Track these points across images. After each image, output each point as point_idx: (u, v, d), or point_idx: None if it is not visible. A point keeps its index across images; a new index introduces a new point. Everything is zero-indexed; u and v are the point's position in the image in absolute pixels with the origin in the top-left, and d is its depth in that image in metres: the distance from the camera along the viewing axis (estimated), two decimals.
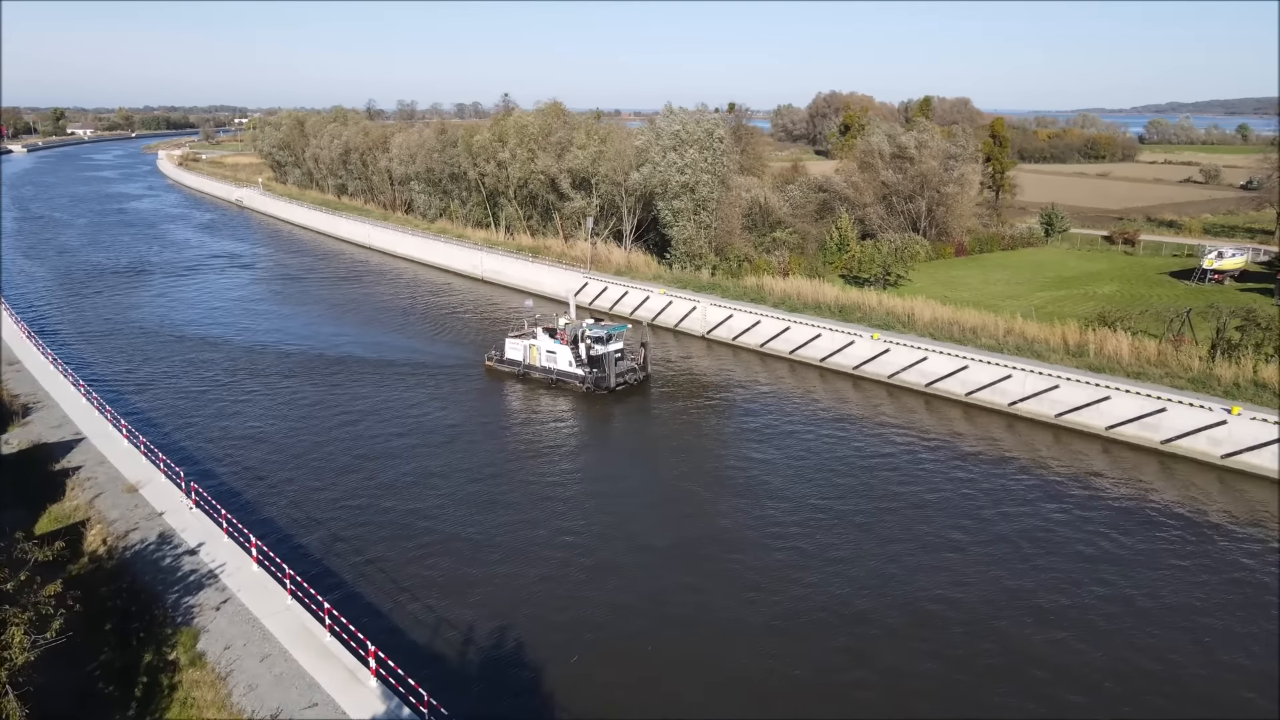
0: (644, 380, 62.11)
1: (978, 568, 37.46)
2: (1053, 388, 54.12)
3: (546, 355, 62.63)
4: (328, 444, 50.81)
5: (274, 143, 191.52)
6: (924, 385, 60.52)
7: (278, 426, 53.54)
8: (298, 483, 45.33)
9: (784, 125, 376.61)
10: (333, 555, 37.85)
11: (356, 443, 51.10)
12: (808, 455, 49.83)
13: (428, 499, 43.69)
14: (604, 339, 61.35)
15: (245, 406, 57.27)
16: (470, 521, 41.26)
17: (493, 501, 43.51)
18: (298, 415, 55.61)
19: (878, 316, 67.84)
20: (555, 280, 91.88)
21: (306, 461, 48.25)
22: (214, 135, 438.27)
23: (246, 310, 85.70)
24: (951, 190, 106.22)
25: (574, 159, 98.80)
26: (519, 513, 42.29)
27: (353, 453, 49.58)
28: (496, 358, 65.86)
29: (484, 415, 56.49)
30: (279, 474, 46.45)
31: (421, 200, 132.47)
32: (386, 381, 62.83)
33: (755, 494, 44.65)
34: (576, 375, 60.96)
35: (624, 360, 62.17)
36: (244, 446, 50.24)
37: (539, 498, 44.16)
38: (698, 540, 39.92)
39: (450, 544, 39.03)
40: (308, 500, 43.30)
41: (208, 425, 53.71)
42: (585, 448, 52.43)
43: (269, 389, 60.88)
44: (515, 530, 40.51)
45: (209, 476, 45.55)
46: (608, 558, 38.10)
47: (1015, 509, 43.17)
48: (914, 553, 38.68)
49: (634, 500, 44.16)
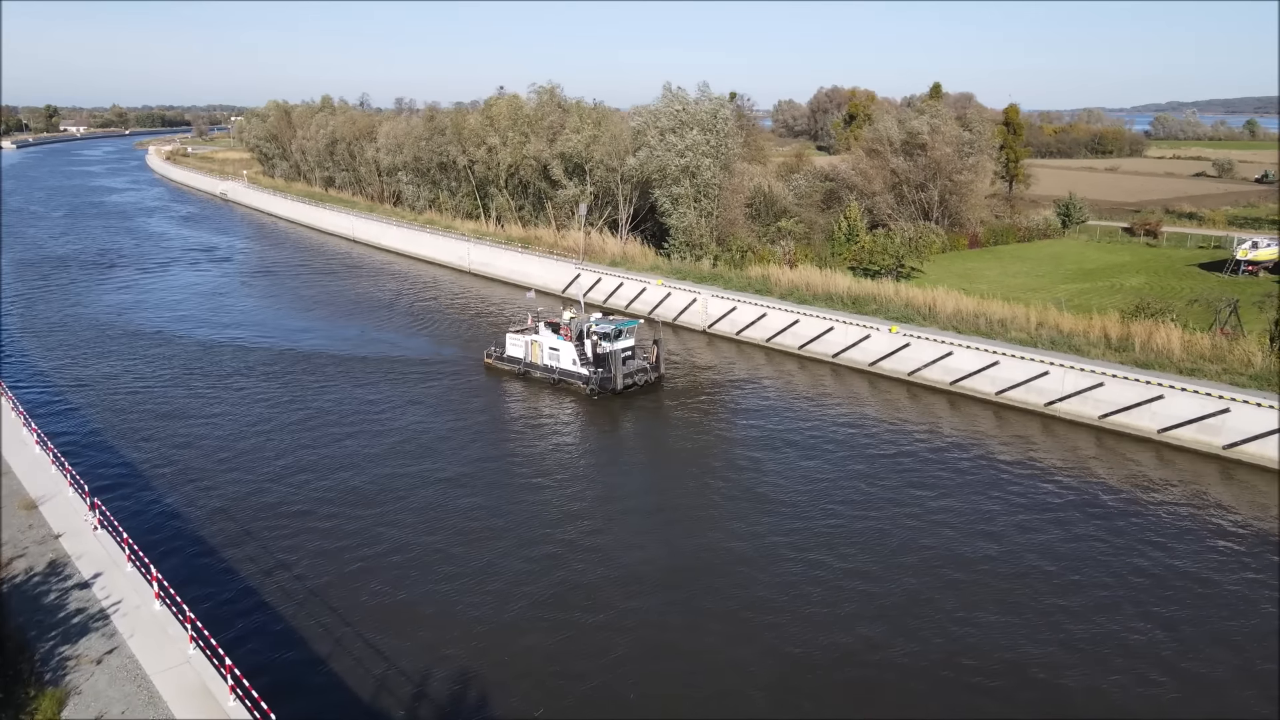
0: (657, 382, 55.85)
1: (1033, 608, 31.68)
2: (1096, 386, 48.35)
3: (549, 352, 56.66)
4: (280, 451, 45.00)
5: (261, 135, 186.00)
6: (949, 383, 54.77)
7: (223, 431, 47.69)
8: (235, 497, 39.53)
9: (784, 121, 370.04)
10: (268, 587, 32.08)
11: (311, 450, 45.27)
12: (822, 467, 43.99)
13: (388, 518, 37.89)
14: (611, 335, 55.21)
15: (190, 408, 51.40)
16: (435, 551, 35.48)
17: (463, 525, 37.72)
18: (249, 418, 49.79)
19: (895, 308, 62.08)
20: (546, 272, 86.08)
21: (252, 472, 42.45)
22: (207, 132, 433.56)
23: (213, 305, 79.77)
24: (966, 178, 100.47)
25: (567, 143, 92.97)
26: (492, 536, 36.52)
27: (307, 462, 43.77)
28: (496, 354, 60.00)
29: (469, 419, 50.58)
30: (215, 487, 40.65)
31: (410, 191, 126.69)
32: (355, 380, 57.03)
33: (767, 514, 38.82)
34: (580, 375, 54.91)
35: (634, 359, 56.07)
36: (179, 454, 44.37)
37: (513, 517, 38.38)
38: (697, 571, 34.16)
39: (411, 579, 33.27)
40: (246, 517, 37.51)
41: (141, 429, 47.82)
42: (577, 460, 46.37)
43: (222, 389, 55.07)
44: (489, 560, 34.76)
45: (129, 490, 39.85)
46: (586, 597, 32.36)
47: (1062, 527, 37.37)
48: (958, 593, 32.91)
49: (628, 531, 38.35)
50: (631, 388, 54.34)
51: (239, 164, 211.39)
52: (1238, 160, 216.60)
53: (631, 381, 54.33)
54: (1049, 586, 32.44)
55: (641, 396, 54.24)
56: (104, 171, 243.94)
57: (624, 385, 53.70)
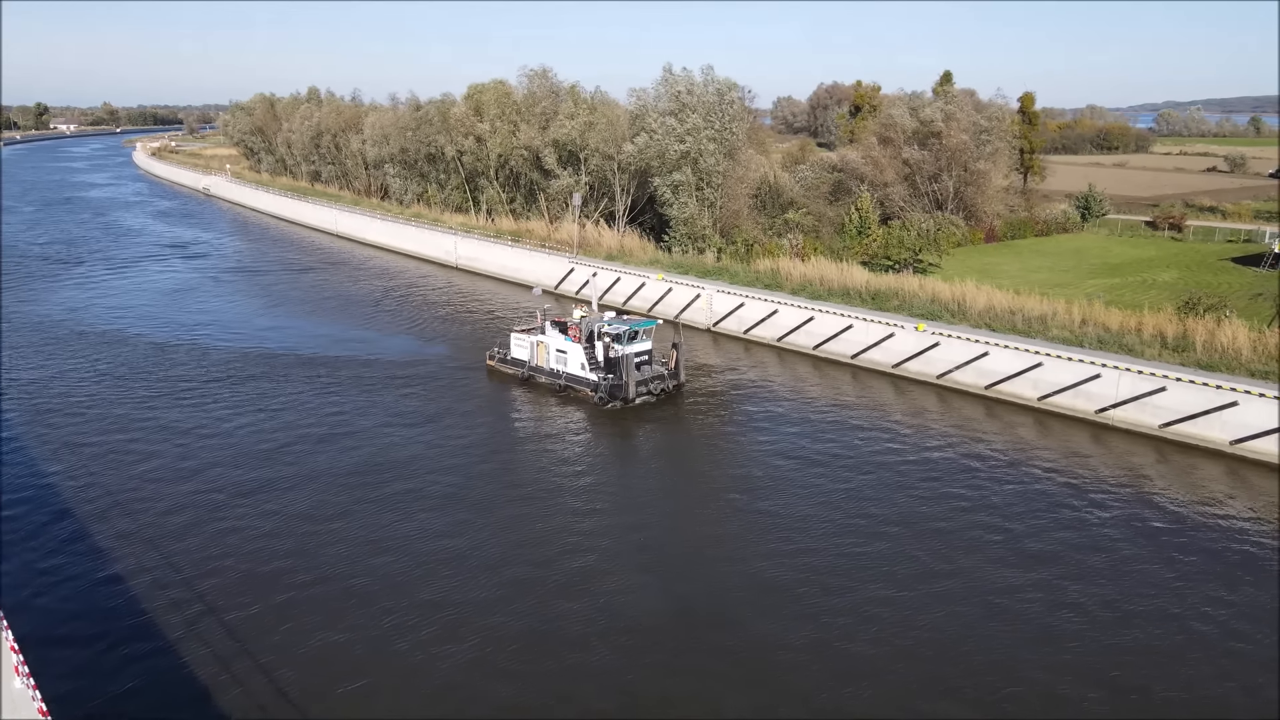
0: (676, 390, 49.57)
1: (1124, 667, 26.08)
2: (1156, 391, 42.70)
3: (556, 355, 50.67)
4: (230, 468, 39.25)
5: (246, 128, 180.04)
6: (984, 387, 49.14)
7: (162, 443, 41.91)
8: (159, 524, 33.86)
9: (784, 117, 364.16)
10: (180, 640, 26.38)
11: (267, 466, 39.56)
12: (849, 492, 38.27)
13: (342, 549, 32.21)
14: (624, 337, 48.53)
15: (129, 415, 45.61)
16: (388, 588, 29.80)
17: (430, 557, 32.03)
18: (198, 430, 43.99)
19: (920, 304, 56.42)
20: (537, 266, 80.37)
21: (195, 493, 36.73)
22: (199, 130, 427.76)
23: (176, 304, 73.74)
24: (982, 168, 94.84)
25: (561, 130, 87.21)
26: (461, 573, 30.85)
27: (257, 481, 38.04)
28: (499, 356, 54.14)
29: (453, 433, 44.79)
30: (135, 506, 34.92)
31: (397, 185, 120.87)
32: (319, 386, 51.27)
33: (793, 558, 33.19)
34: (588, 381, 48.81)
35: (650, 364, 49.80)
36: (102, 471, 38.66)
37: (487, 550, 32.69)
38: (703, 624, 28.53)
39: (347, 619, 27.60)
40: (171, 545, 31.85)
41: (65, 438, 42.10)
42: (571, 483, 40.44)
43: (170, 394, 49.27)
44: (450, 598, 29.10)
45: (27, 509, 34.22)
46: (571, 652, 26.71)
47: (1134, 565, 31.77)
48: (1017, 636, 27.29)
49: (623, 571, 32.68)
50: (645, 397, 48.12)
51: (226, 160, 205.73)
52: (1249, 156, 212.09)
53: (646, 390, 48.09)
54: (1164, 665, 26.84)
55: (657, 408, 47.78)
56: (87, 167, 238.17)
57: (637, 394, 47.47)
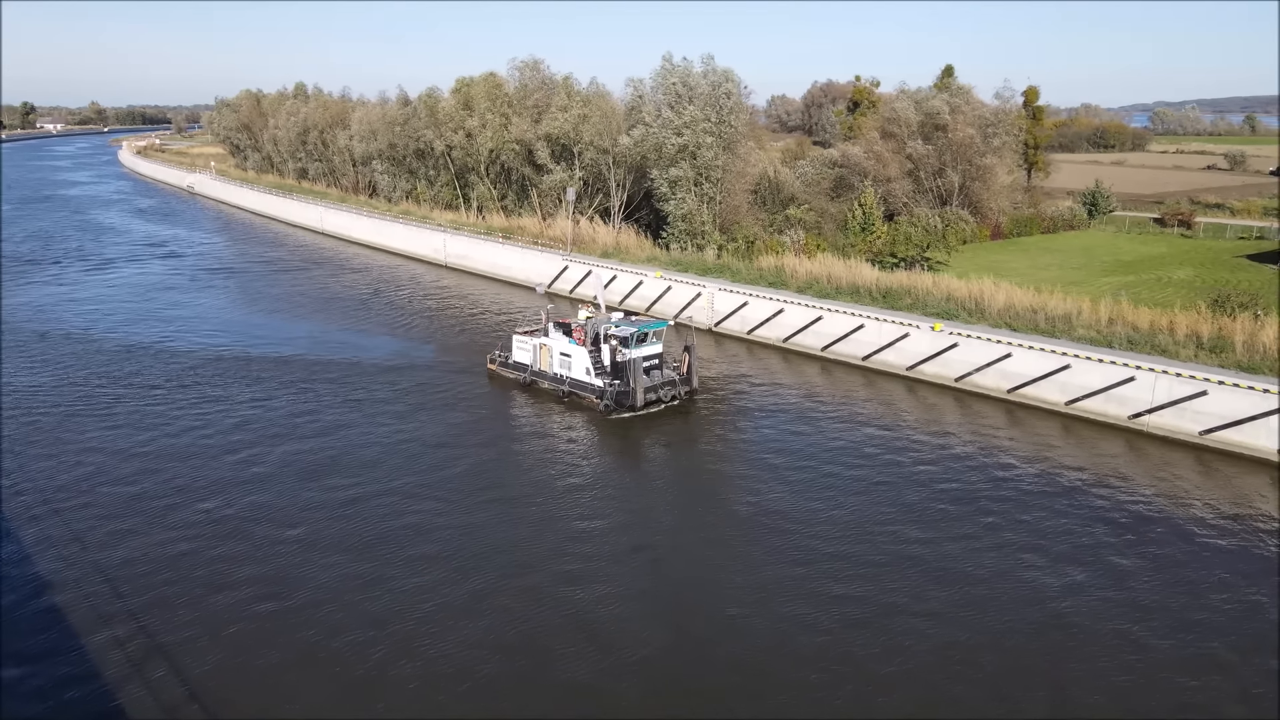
0: (689, 397, 46.23)
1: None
2: (1197, 395, 39.72)
3: (560, 359, 47.33)
4: (181, 483, 35.95)
5: (232, 125, 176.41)
6: (1006, 390, 46.10)
7: (119, 450, 38.60)
8: (102, 547, 30.54)
9: (778, 115, 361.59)
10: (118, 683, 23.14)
11: (210, 474, 36.26)
12: (871, 511, 35.19)
13: (310, 584, 28.97)
14: (632, 340, 45.12)
15: (85, 421, 42.24)
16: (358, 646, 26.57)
17: (389, 609, 28.81)
18: (160, 437, 40.65)
19: (934, 303, 53.40)
20: (530, 265, 77.17)
21: (153, 510, 33.43)
22: (187, 129, 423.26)
23: (149, 304, 70.12)
24: (988, 162, 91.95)
25: (554, 123, 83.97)
26: (436, 613, 27.64)
27: (209, 498, 34.77)
28: (501, 359, 50.85)
29: (441, 444, 41.59)
30: (87, 525, 31.62)
31: (385, 181, 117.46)
32: (295, 388, 47.96)
33: (818, 595, 30.07)
34: (593, 387, 45.44)
35: (660, 370, 46.39)
36: (50, 479, 35.34)
37: (469, 581, 29.49)
38: (709, 667, 25.38)
39: (311, 657, 24.37)
40: (120, 570, 28.56)
41: (8, 447, 38.77)
42: (567, 500, 37.26)
43: (133, 399, 45.90)
44: (424, 641, 25.89)
45: None
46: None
47: (1193, 594, 28.74)
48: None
49: (614, 607, 29.52)
50: (655, 404, 44.70)
51: (215, 158, 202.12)
52: (1249, 154, 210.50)
53: (655, 397, 44.63)
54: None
55: (667, 417, 44.24)
56: (71, 166, 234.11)
57: (645, 401, 44.08)
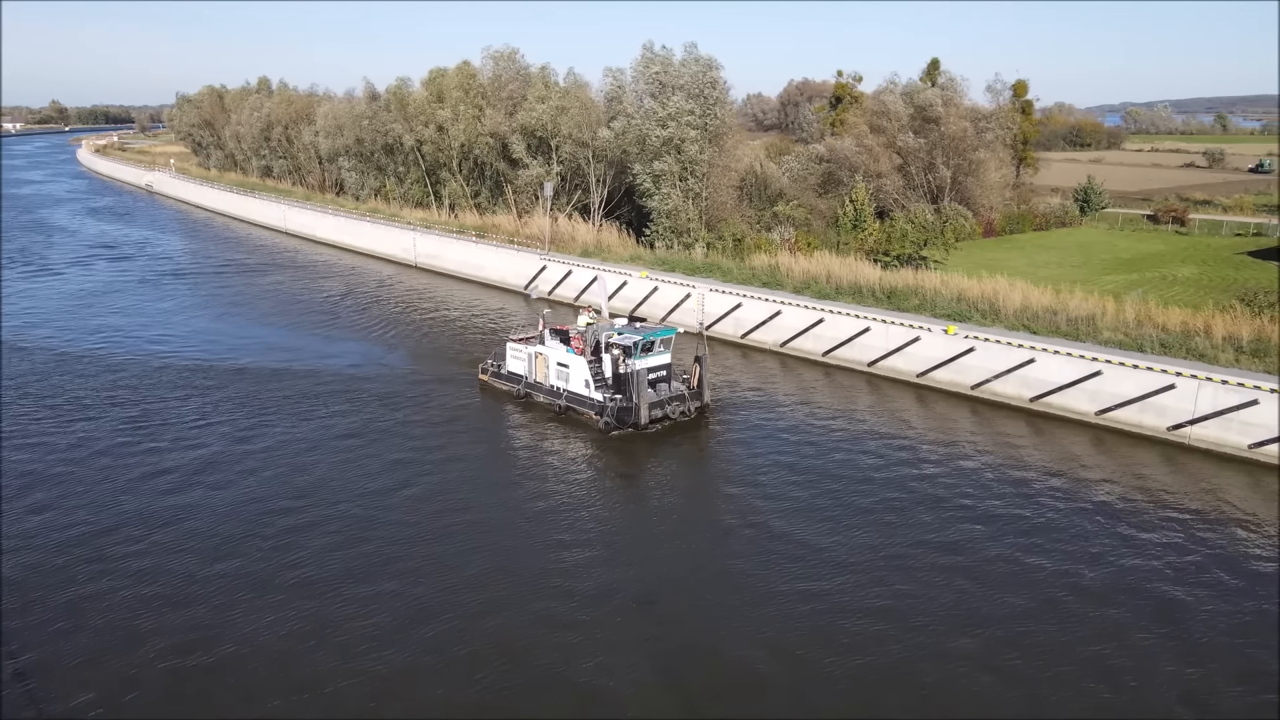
0: (698, 414, 41.20)
1: None
2: (1245, 404, 36.09)
3: (557, 370, 42.55)
4: (114, 518, 31.22)
5: (194, 121, 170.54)
6: (1029, 399, 42.32)
7: (24, 481, 33.74)
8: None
9: (754, 114, 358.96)
10: None
11: (134, 515, 31.58)
12: (892, 548, 31.22)
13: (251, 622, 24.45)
14: (636, 349, 40.02)
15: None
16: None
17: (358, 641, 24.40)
18: (77, 455, 35.80)
19: (944, 303, 49.61)
20: (505, 264, 72.68)
21: (32, 545, 28.68)
22: (150, 128, 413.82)
23: (90, 309, 64.67)
24: (981, 157, 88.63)
25: (530, 114, 79.45)
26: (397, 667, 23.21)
27: (121, 529, 30.07)
28: (494, 369, 46.08)
29: (407, 468, 37.06)
30: None
31: (353, 179, 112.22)
32: (246, 403, 43.21)
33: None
34: (592, 402, 40.64)
35: (667, 383, 41.41)
36: None
37: (430, 629, 25.10)
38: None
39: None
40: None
41: None
42: (557, 533, 32.96)
43: (52, 418, 40.92)
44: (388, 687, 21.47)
45: None
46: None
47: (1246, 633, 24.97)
48: None
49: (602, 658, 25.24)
50: (663, 422, 39.91)
51: (178, 156, 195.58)
52: (1228, 152, 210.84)
53: (662, 414, 39.77)
54: None
55: (674, 435, 39.43)
56: (26, 164, 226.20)
57: (650, 419, 39.33)
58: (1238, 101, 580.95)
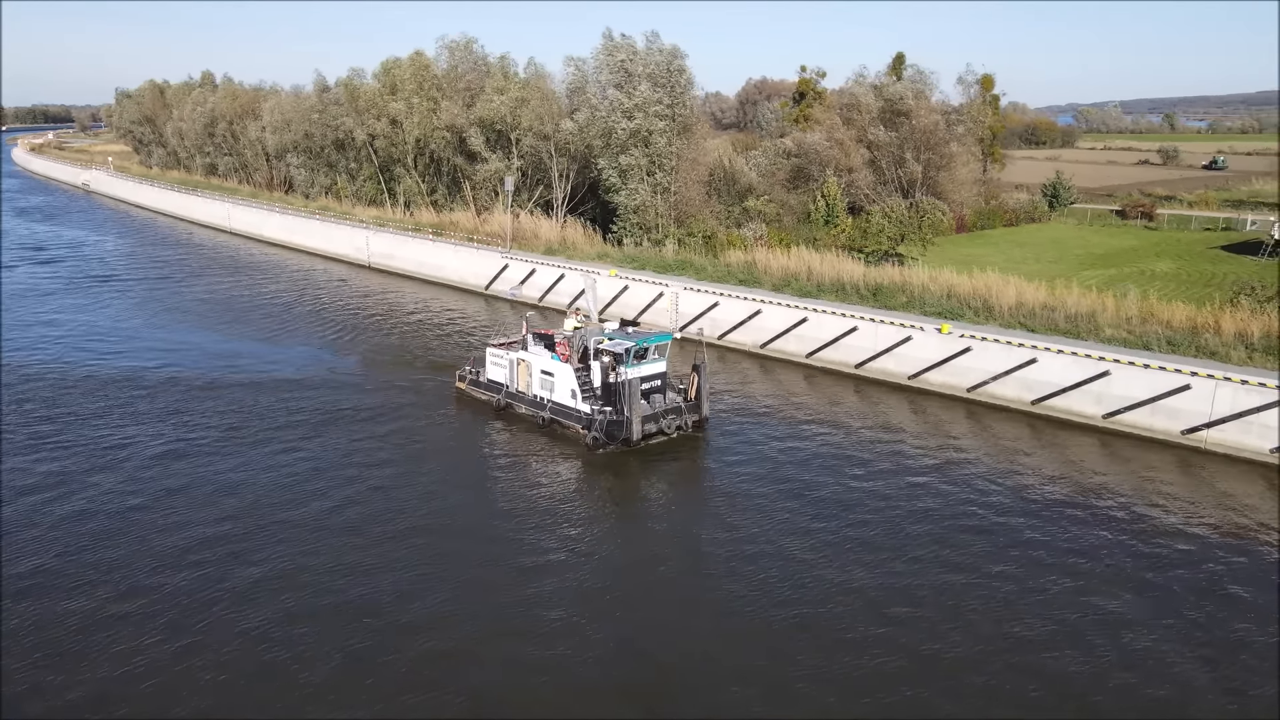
0: (697, 427, 37.72)
1: None
2: (1268, 406, 33.75)
3: (540, 379, 38.69)
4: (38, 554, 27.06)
5: (134, 118, 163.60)
6: (1030, 402, 39.72)
7: None
8: None
9: (712, 113, 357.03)
10: None
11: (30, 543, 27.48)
12: (882, 577, 28.24)
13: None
14: (627, 356, 36.34)
15: None
16: None
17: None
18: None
19: (933, 300, 46.95)
20: (464, 264, 68.80)
21: None
22: (90, 127, 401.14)
23: (6, 315, 59.74)
24: (955, 150, 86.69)
25: (489, 106, 75.60)
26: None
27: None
28: (471, 377, 42.13)
29: (364, 493, 33.23)
30: None
31: (302, 176, 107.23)
32: (174, 415, 39.02)
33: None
34: (579, 415, 36.78)
35: (662, 394, 37.59)
36: None
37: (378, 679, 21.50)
38: None
39: None
40: None
41: None
42: (536, 570, 29.42)
43: None
44: None
45: None
46: None
47: None
48: None
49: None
50: (656, 437, 36.14)
51: (114, 155, 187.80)
52: (1184, 151, 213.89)
53: (655, 428, 36.03)
54: None
55: (668, 450, 35.76)
56: None
57: (643, 434, 35.53)
58: (1179, 102, 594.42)
